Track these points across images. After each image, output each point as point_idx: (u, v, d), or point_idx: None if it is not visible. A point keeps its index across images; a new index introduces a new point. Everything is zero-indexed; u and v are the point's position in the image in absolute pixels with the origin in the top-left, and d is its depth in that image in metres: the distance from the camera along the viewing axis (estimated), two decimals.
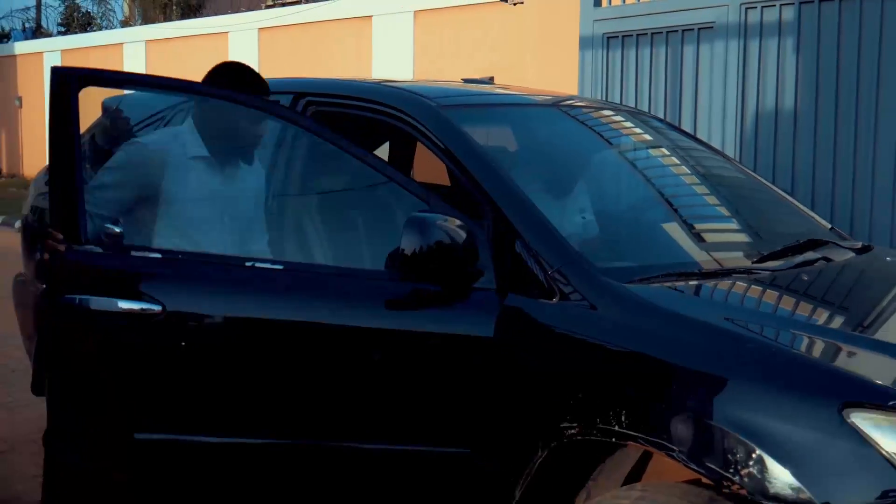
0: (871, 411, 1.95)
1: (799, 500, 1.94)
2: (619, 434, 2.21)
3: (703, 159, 3.63)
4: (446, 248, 2.42)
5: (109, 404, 2.66)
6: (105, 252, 2.66)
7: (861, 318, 2.49)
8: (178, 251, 2.73)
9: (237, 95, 2.99)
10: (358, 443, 2.60)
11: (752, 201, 3.49)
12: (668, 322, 2.26)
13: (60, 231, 2.64)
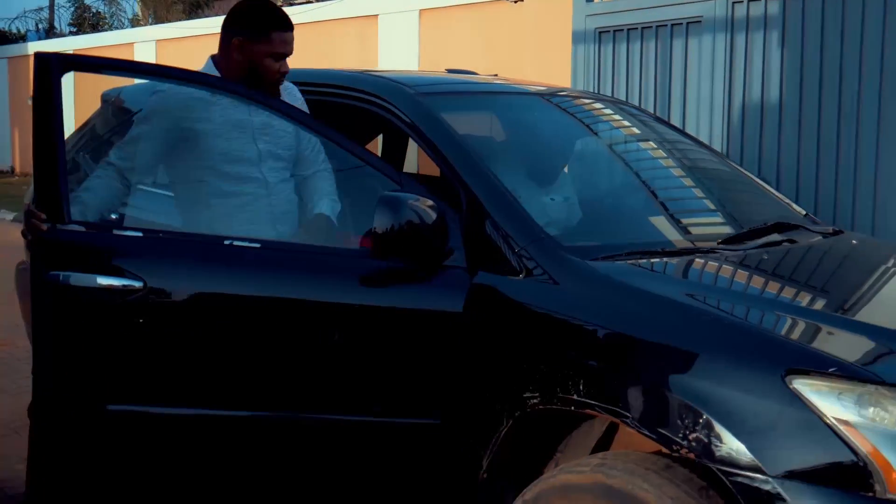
0: (812, 378, 2.04)
1: (743, 463, 2.03)
2: (578, 403, 2.30)
3: (682, 148, 3.72)
4: (417, 226, 2.51)
5: (88, 377, 2.76)
6: (88, 231, 2.76)
7: (814, 293, 2.57)
8: (158, 230, 2.84)
9: (214, 80, 3.09)
10: (334, 415, 2.70)
11: (729, 188, 3.58)
12: (624, 296, 2.36)
13: (44, 211, 2.74)
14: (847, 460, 1.96)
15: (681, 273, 2.54)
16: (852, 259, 2.96)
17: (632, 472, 2.22)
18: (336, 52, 13.31)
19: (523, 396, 2.40)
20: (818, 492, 1.96)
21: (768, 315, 2.30)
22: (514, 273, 2.53)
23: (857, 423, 1.98)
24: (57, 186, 2.76)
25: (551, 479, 2.37)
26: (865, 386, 2.01)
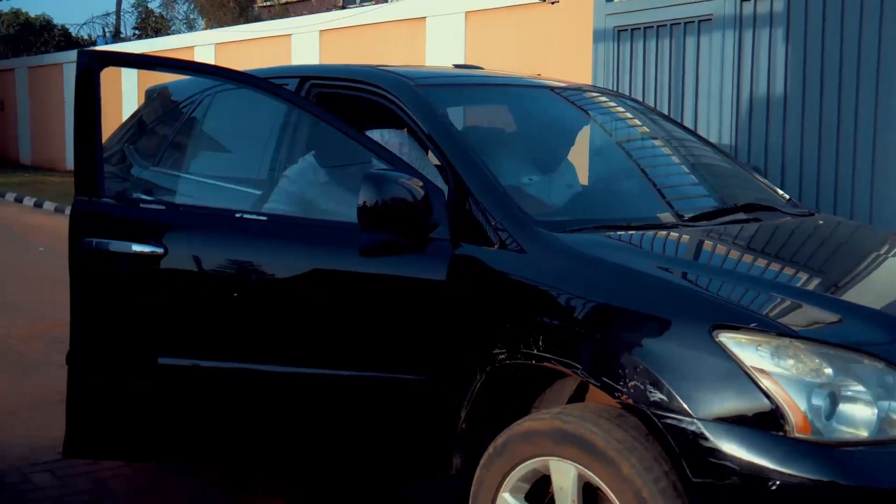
0: (735, 332, 2.28)
1: (673, 407, 2.29)
2: (537, 357, 2.58)
3: (674, 137, 3.95)
4: (404, 201, 2.81)
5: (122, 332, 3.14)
6: (119, 204, 3.13)
7: (754, 261, 2.81)
8: (178, 204, 3.19)
9: (245, 77, 3.43)
10: (335, 370, 3.02)
11: (715, 173, 3.80)
12: (579, 262, 2.63)
13: (83, 187, 3.12)
14: (762, 404, 2.21)
15: (635, 243, 2.80)
16: (807, 235, 3.18)
17: (585, 419, 2.49)
18: (387, 54, 13.64)
19: (493, 352, 2.68)
20: (736, 431, 2.21)
21: (704, 278, 2.55)
22: (491, 244, 2.81)
23: (772, 371, 2.22)
24: (94, 166, 3.13)
25: (517, 426, 2.65)
26: (781, 339, 2.26)
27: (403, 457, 3.02)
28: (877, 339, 2.31)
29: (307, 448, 3.15)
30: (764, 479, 2.16)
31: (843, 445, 2.18)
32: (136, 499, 3.72)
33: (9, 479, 3.86)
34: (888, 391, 2.23)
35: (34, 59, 25.04)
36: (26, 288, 8.09)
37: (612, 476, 2.37)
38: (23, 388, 5.14)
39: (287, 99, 3.36)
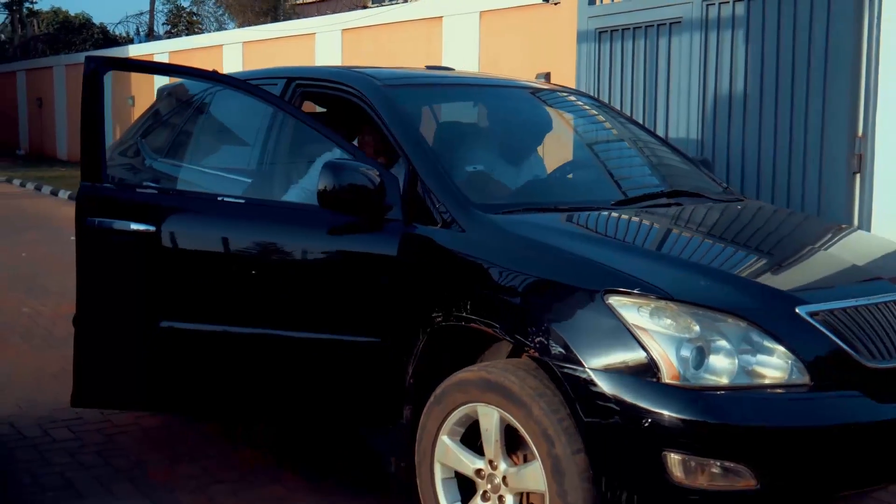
0: (622, 296, 2.71)
1: (569, 358, 2.71)
2: (465, 318, 3.02)
3: (627, 131, 4.36)
4: (363, 187, 3.26)
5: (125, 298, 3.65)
6: (117, 188, 3.62)
7: (656, 237, 3.22)
8: (169, 189, 3.67)
9: (229, 80, 3.89)
10: (303, 332, 3.48)
11: (662, 166, 4.20)
12: (503, 238, 3.07)
13: (88, 174, 3.61)
14: (640, 356, 2.63)
15: (556, 222, 3.22)
16: (716, 216, 3.58)
17: (506, 370, 2.93)
18: (405, 52, 14.08)
19: (431, 316, 3.12)
20: (619, 379, 2.64)
21: (603, 251, 2.97)
22: (436, 224, 3.25)
23: (650, 329, 2.64)
24: (98, 156, 3.62)
25: (452, 378, 3.09)
26: (659, 301, 2.67)
27: (362, 408, 3.47)
28: (743, 303, 2.71)
29: (283, 399, 3.62)
30: (639, 417, 2.58)
31: (705, 390, 2.59)
32: (141, 450, 4.21)
33: (30, 433, 4.37)
34: (751, 346, 2.64)
35: (71, 57, 25.80)
36: (56, 273, 8.66)
37: (525, 417, 2.80)
38: (47, 360, 5.66)
39: (261, 97, 3.81)
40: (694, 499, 2.56)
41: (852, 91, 4.80)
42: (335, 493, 3.76)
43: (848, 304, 2.79)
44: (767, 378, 2.63)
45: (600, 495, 2.67)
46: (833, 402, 2.65)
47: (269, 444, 4.29)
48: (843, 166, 4.84)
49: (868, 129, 4.79)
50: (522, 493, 2.93)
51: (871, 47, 4.77)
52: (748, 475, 2.54)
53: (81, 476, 3.90)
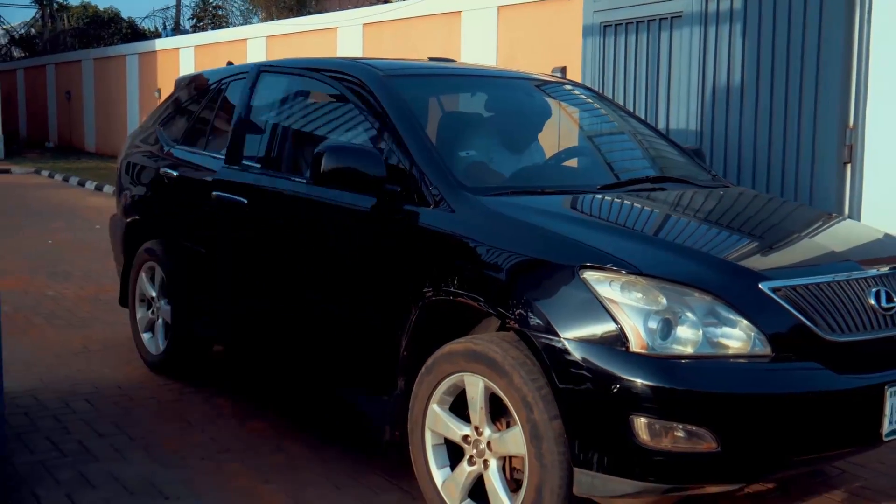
0: (595, 271, 2.89)
1: (547, 328, 2.90)
2: (453, 293, 3.21)
3: (620, 121, 4.53)
4: (361, 169, 3.48)
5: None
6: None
7: (635, 217, 3.40)
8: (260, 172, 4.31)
9: None
10: (317, 299, 3.83)
11: (655, 154, 4.37)
12: (489, 217, 3.25)
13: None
14: (611, 327, 2.81)
15: (540, 203, 3.41)
16: (699, 201, 3.74)
17: (491, 341, 3.12)
18: (425, 46, 14.27)
19: (422, 291, 3.32)
20: (590, 347, 2.82)
21: (582, 229, 3.15)
22: (427, 204, 3.45)
23: (620, 301, 2.83)
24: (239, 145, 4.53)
25: (442, 349, 3.29)
26: (630, 276, 2.86)
27: (362, 375, 3.68)
28: (709, 278, 2.89)
29: (301, 356, 4.03)
30: (609, 383, 2.77)
31: (671, 358, 2.77)
32: (154, 422, 4.44)
33: (51, 405, 4.62)
34: (715, 318, 2.82)
35: (99, 51, 26.23)
36: (81, 259, 8.95)
37: (507, 386, 3.00)
38: (70, 339, 5.92)
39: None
40: (659, 459, 2.74)
41: (844, 84, 4.94)
42: (335, 461, 3.97)
43: (810, 281, 2.96)
44: (730, 349, 2.81)
45: (574, 457, 2.86)
46: (791, 372, 2.82)
47: (274, 416, 4.51)
48: (834, 156, 4.98)
49: (859, 121, 4.93)
50: (505, 456, 3.12)
51: (861, 42, 4.90)
52: (709, 438, 2.72)
53: (98, 443, 4.14)
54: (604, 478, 2.80)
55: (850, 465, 4.10)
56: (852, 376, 2.90)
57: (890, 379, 2.94)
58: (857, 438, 2.96)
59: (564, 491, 2.90)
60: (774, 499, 3.74)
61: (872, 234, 3.71)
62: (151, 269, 5.16)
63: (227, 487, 3.70)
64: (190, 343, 4.95)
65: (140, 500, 3.56)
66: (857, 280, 3.05)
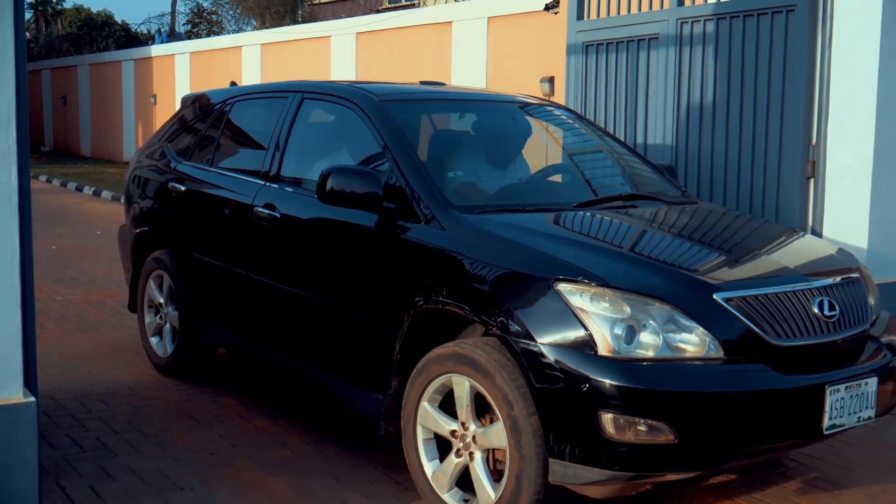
0: (568, 283, 3.24)
1: (524, 334, 3.25)
2: (441, 302, 3.56)
3: (601, 142, 4.89)
4: (366, 190, 3.84)
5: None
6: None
7: (605, 233, 3.76)
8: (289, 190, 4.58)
9: None
10: (318, 298, 4.22)
11: (626, 171, 4.73)
12: (476, 234, 3.61)
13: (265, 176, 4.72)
14: (581, 333, 3.16)
15: (521, 221, 3.76)
16: (664, 216, 4.11)
17: (475, 345, 3.48)
18: (416, 56, 14.62)
19: (414, 300, 3.67)
20: (563, 350, 3.17)
21: (556, 245, 3.51)
22: (418, 221, 3.80)
23: (590, 311, 3.18)
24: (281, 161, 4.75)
25: (432, 353, 3.63)
26: (598, 288, 3.21)
27: (361, 377, 4.03)
28: (668, 290, 3.25)
29: (295, 347, 4.43)
30: (579, 383, 3.12)
31: (634, 361, 3.13)
32: (165, 420, 4.78)
33: (68, 405, 4.95)
34: (674, 325, 3.18)
35: (95, 56, 26.51)
36: (85, 265, 9.28)
37: (490, 385, 3.35)
38: (81, 343, 6.26)
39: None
40: (623, 451, 3.10)
41: (807, 104, 5.30)
42: (334, 455, 4.32)
43: (759, 292, 3.33)
44: (687, 352, 3.17)
45: (549, 449, 3.21)
46: (741, 373, 3.19)
47: (276, 415, 4.85)
48: (798, 172, 5.34)
49: (821, 138, 5.29)
50: (488, 449, 3.47)
51: (823, 65, 5.27)
52: (668, 431, 3.07)
53: (114, 439, 4.48)
54: (575, 467, 3.16)
55: (807, 458, 4.47)
56: (796, 377, 3.26)
57: (830, 379, 3.31)
58: (801, 432, 3.33)
59: (541, 479, 3.25)
60: (736, 489, 4.09)
61: (826, 250, 4.08)
62: (159, 277, 5.49)
63: (237, 479, 4.04)
64: (196, 347, 5.28)
65: (157, 491, 3.90)
66: (802, 291, 3.42)
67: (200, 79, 19.55)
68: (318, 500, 3.86)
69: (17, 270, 2.92)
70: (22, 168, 2.96)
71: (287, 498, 3.87)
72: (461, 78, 13.36)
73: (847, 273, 3.72)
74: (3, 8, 2.80)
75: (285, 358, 4.52)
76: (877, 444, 4.78)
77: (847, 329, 3.48)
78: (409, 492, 3.88)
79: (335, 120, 4.60)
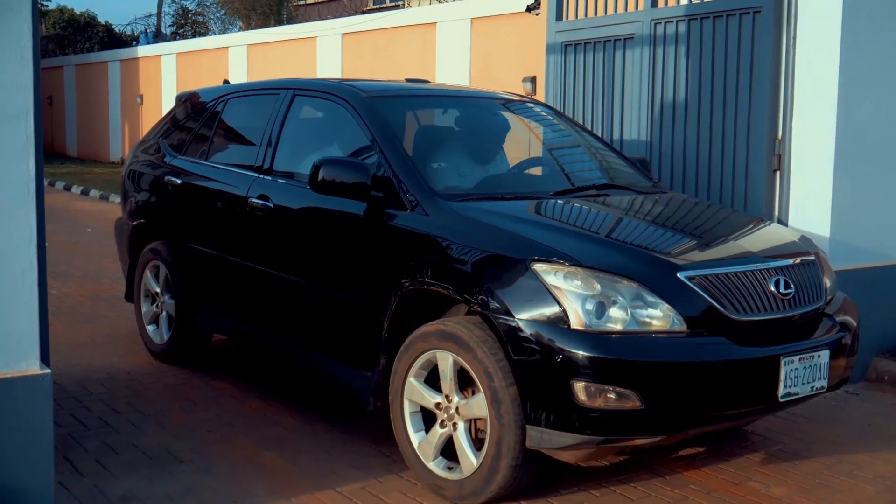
0: (543, 263, 3.51)
1: (503, 311, 3.51)
2: (427, 283, 3.82)
3: (570, 134, 5.17)
4: (356, 180, 4.09)
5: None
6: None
7: (578, 218, 4.04)
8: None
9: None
10: (310, 282, 4.46)
11: (601, 164, 5.01)
12: (458, 219, 3.88)
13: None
14: (556, 309, 3.43)
15: (501, 207, 4.03)
16: (633, 204, 4.39)
17: (458, 323, 3.74)
18: (401, 56, 14.86)
19: (400, 282, 3.93)
20: (539, 325, 3.44)
21: (533, 229, 3.78)
22: (404, 209, 4.06)
23: (564, 288, 3.45)
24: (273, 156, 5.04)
25: (418, 330, 3.89)
26: (571, 267, 3.48)
27: (352, 356, 4.28)
28: (636, 269, 3.53)
29: (288, 329, 4.66)
30: (553, 354, 3.39)
31: (604, 334, 3.40)
32: (164, 401, 5.02)
33: (71, 389, 5.19)
34: (641, 302, 3.45)
35: (81, 57, 26.62)
36: (78, 260, 9.49)
37: (472, 359, 3.61)
38: (79, 333, 6.49)
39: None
40: (594, 416, 3.37)
41: (772, 99, 5.58)
42: (325, 432, 4.58)
43: (720, 271, 3.61)
44: (653, 326, 3.44)
45: (526, 416, 3.47)
46: (702, 345, 3.46)
47: (270, 396, 5.10)
48: (764, 165, 5.62)
49: (786, 133, 5.58)
50: (471, 419, 3.73)
51: (788, 62, 5.55)
52: (635, 398, 3.35)
53: (116, 419, 4.72)
54: (550, 433, 3.42)
55: (770, 432, 4.76)
56: (753, 348, 3.54)
57: (785, 351, 3.60)
58: (758, 399, 3.61)
59: (519, 445, 3.52)
60: (703, 461, 4.37)
61: (788, 237, 4.36)
62: (156, 267, 5.73)
63: (233, 454, 4.29)
64: (192, 334, 5.52)
65: (159, 464, 4.15)
66: (760, 270, 3.70)
67: (187, 79, 19.72)
68: (309, 471, 4.11)
69: (34, 252, 3.16)
70: (38, 160, 3.20)
71: (280, 470, 4.12)
72: (445, 78, 13.61)
73: (804, 256, 4.01)
74: (21, 7, 3.04)
75: (279, 340, 4.77)
76: (837, 420, 5.08)
77: (802, 306, 3.77)
78: (397, 463, 4.14)
79: (325, 115, 4.85)
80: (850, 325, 4.02)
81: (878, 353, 5.77)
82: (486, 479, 3.60)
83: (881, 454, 4.53)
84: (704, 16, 5.98)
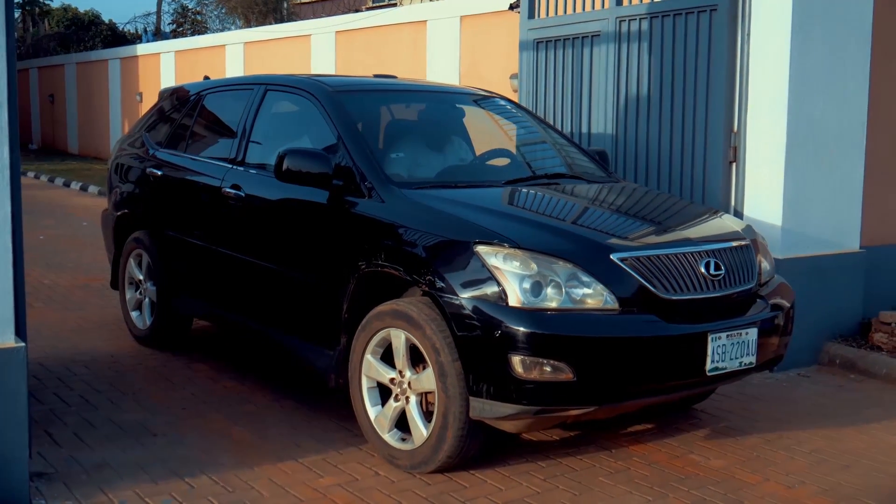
0: (485, 245, 3.76)
1: (448, 290, 3.76)
2: (380, 265, 4.08)
3: (534, 128, 5.42)
4: (321, 171, 4.35)
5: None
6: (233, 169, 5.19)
7: (522, 204, 4.29)
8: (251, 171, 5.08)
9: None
10: (277, 267, 4.71)
11: (558, 155, 5.25)
12: (411, 206, 4.13)
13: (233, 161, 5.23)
14: (496, 289, 3.68)
15: (451, 194, 4.28)
16: (583, 192, 4.64)
17: (410, 303, 3.99)
18: (393, 54, 15.11)
19: (358, 264, 4.19)
20: (480, 303, 3.69)
21: (478, 214, 4.03)
22: (363, 196, 4.31)
23: (503, 269, 3.70)
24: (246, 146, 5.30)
25: (374, 310, 4.14)
26: (510, 249, 3.73)
27: (314, 336, 4.54)
28: (571, 250, 3.78)
29: (258, 311, 4.90)
30: (493, 330, 3.64)
31: (539, 311, 3.64)
32: (143, 382, 5.28)
33: (55, 370, 5.45)
34: (576, 281, 3.70)
35: (82, 55, 26.89)
36: (71, 252, 9.77)
37: (421, 336, 3.86)
38: (68, 319, 6.75)
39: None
40: (530, 387, 3.62)
41: (728, 94, 5.82)
42: (292, 409, 4.85)
43: (651, 253, 3.86)
44: (587, 304, 3.69)
45: (469, 388, 3.72)
46: (633, 322, 3.71)
47: (242, 377, 5.36)
48: (721, 157, 5.87)
49: (741, 126, 5.81)
50: (422, 393, 3.98)
51: (742, 58, 5.79)
52: (568, 370, 3.59)
53: (97, 397, 4.98)
54: (490, 403, 3.68)
55: (718, 410, 5.02)
56: (682, 325, 3.79)
57: (713, 328, 3.84)
58: (687, 373, 3.86)
59: (464, 415, 3.77)
60: (650, 436, 4.62)
61: (731, 226, 4.58)
62: (139, 255, 5.99)
63: (205, 428, 4.55)
64: (172, 318, 5.78)
65: (134, 436, 4.41)
66: (691, 253, 3.95)
67: (185, 77, 19.99)
68: (275, 443, 4.38)
69: (9, 234, 3.41)
70: (13, 147, 3.46)
71: (248, 442, 4.39)
72: (435, 74, 13.86)
73: (739, 240, 4.25)
74: None
75: (249, 321, 5.03)
76: (785, 400, 5.33)
77: (731, 287, 4.02)
78: (358, 437, 4.39)
79: (295, 109, 5.11)
80: (782, 306, 4.26)
81: (829, 338, 6.01)
82: (435, 447, 3.86)
83: (820, 431, 4.78)
84: (665, 14, 6.22)
